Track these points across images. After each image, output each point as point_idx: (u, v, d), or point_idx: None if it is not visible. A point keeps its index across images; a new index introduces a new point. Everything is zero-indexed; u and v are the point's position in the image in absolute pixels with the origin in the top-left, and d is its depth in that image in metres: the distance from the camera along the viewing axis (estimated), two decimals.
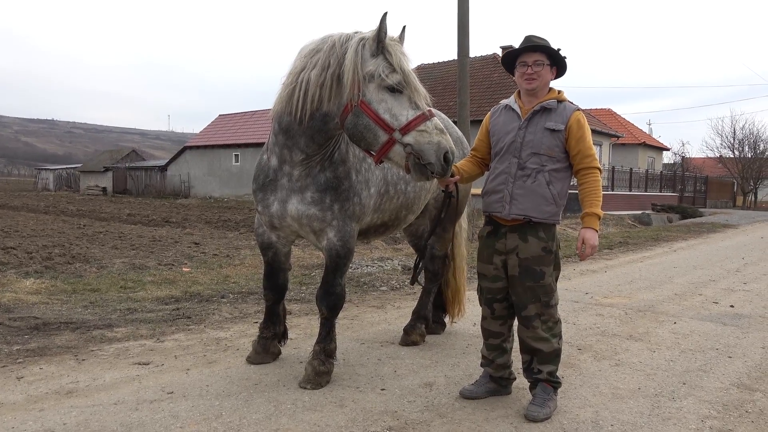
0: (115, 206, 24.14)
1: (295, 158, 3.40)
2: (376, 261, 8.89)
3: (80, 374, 3.72)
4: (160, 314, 5.34)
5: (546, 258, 3.23)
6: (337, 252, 3.53)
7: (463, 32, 12.34)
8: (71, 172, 49.65)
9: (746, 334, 5.18)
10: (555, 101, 3.23)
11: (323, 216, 3.46)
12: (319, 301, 3.64)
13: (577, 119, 3.20)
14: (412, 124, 2.90)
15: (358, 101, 2.97)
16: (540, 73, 3.20)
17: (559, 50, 3.21)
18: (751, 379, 3.96)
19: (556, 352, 3.28)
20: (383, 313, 5.68)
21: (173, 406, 3.23)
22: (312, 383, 3.55)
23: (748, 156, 41.70)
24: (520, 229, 3.25)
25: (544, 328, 3.25)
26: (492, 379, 3.52)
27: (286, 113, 3.29)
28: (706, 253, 11.56)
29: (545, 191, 3.19)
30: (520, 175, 3.23)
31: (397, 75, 2.94)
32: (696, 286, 7.53)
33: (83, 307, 5.55)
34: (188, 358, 4.11)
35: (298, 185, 3.47)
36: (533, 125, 3.23)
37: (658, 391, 3.66)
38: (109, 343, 4.43)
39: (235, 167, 34.39)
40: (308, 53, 3.16)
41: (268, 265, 3.92)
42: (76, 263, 8.26)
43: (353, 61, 2.96)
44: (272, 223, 3.66)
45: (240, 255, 9.46)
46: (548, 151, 3.19)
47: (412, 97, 2.96)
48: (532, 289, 3.23)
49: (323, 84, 3.05)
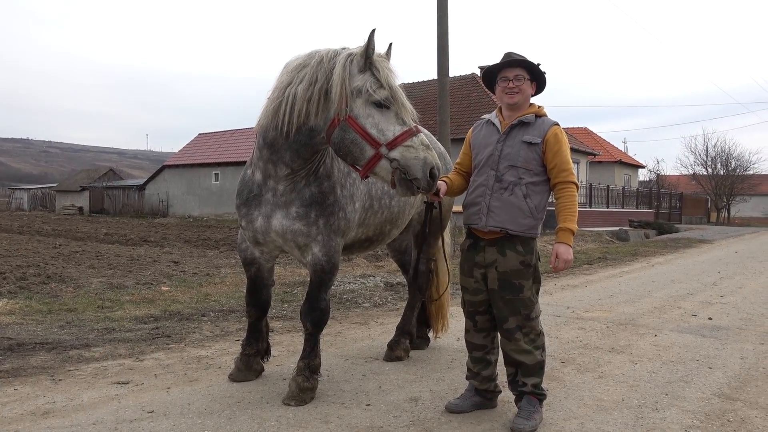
0: (92, 226, 23.73)
1: (280, 173, 3.39)
2: (358, 278, 8.86)
3: (57, 395, 3.62)
4: (138, 333, 5.24)
5: (524, 272, 3.25)
6: (322, 267, 3.51)
7: (443, 52, 12.53)
8: (47, 192, 48.79)
9: (725, 345, 5.26)
10: (533, 116, 3.29)
11: (308, 231, 3.44)
12: (304, 317, 3.60)
13: (555, 133, 3.24)
14: (399, 139, 2.93)
15: (346, 116, 2.99)
16: (521, 87, 3.26)
17: (538, 65, 3.28)
18: (731, 388, 4.02)
19: (539, 364, 3.29)
20: (367, 330, 5.65)
21: (154, 425, 3.15)
22: (296, 400, 3.49)
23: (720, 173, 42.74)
24: (498, 242, 3.27)
25: (526, 341, 3.26)
26: (477, 393, 3.51)
27: (271, 128, 3.28)
28: (684, 268, 11.76)
29: (522, 204, 3.22)
30: (497, 188, 3.26)
31: (384, 91, 2.97)
32: (675, 300, 7.64)
33: (59, 327, 5.42)
34: (169, 376, 4.03)
35: (282, 200, 3.45)
36: (511, 139, 3.28)
37: (641, 402, 3.69)
38: (87, 362, 4.33)
39: (215, 186, 34.14)
40: (295, 68, 3.17)
41: (251, 281, 3.89)
42: (51, 283, 8.08)
43: (341, 76, 2.99)
44: (256, 239, 3.63)
45: (220, 273, 9.35)
46: (525, 164, 3.23)
47: (399, 112, 2.99)
48: (512, 303, 3.25)
49: (310, 99, 3.06)
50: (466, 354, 3.44)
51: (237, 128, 37.47)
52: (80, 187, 43.83)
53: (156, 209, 36.23)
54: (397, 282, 8.34)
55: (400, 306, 6.51)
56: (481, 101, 24.88)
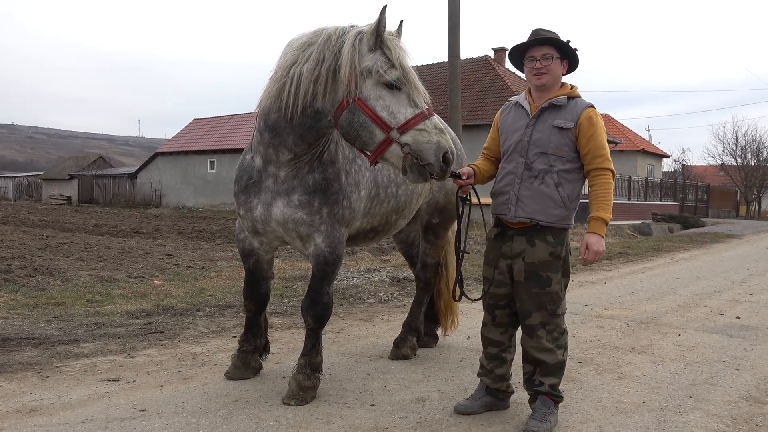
0: (81, 216, 23.87)
1: (282, 158, 3.37)
2: (362, 272, 8.88)
3: (44, 392, 3.65)
4: (130, 329, 5.27)
5: (554, 264, 3.24)
6: (325, 259, 3.51)
7: (454, 32, 12.47)
8: (33, 180, 49.06)
9: (753, 346, 5.25)
10: (565, 98, 3.24)
11: (311, 220, 3.44)
12: (305, 311, 3.60)
13: (589, 116, 3.18)
14: (411, 122, 2.91)
15: (355, 97, 2.97)
16: (549, 67, 3.21)
17: (568, 42, 3.23)
18: (760, 391, 4.01)
19: (560, 364, 3.28)
20: (371, 327, 5.67)
21: (146, 424, 3.18)
22: (296, 399, 3.51)
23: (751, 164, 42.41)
24: (527, 232, 3.25)
25: (548, 339, 3.25)
26: (488, 392, 3.51)
27: (274, 110, 3.25)
28: (710, 264, 11.71)
29: (553, 193, 3.20)
30: (527, 176, 3.24)
31: (395, 71, 2.95)
32: (700, 297, 7.62)
33: (47, 321, 5.46)
34: (162, 374, 4.06)
35: (284, 187, 3.43)
36: (541, 123, 3.24)
37: (663, 405, 3.69)
38: (76, 359, 4.37)
39: (211, 174, 34.23)
40: (300, 46, 3.14)
41: (249, 273, 3.90)
42: (38, 276, 8.14)
43: (350, 55, 2.96)
44: (255, 228, 3.62)
45: (216, 267, 9.40)
46: (556, 150, 3.20)
47: (411, 94, 2.97)
48: (538, 296, 3.23)
49: (317, 79, 3.04)
50: (477, 352, 3.45)
51: (234, 113, 37.50)
52: (68, 176, 44.05)
53: (148, 199, 36.38)
54: (403, 277, 8.35)
55: (407, 302, 6.51)
56: (495, 85, 24.76)
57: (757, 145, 42.91)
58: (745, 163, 42.60)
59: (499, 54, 29.60)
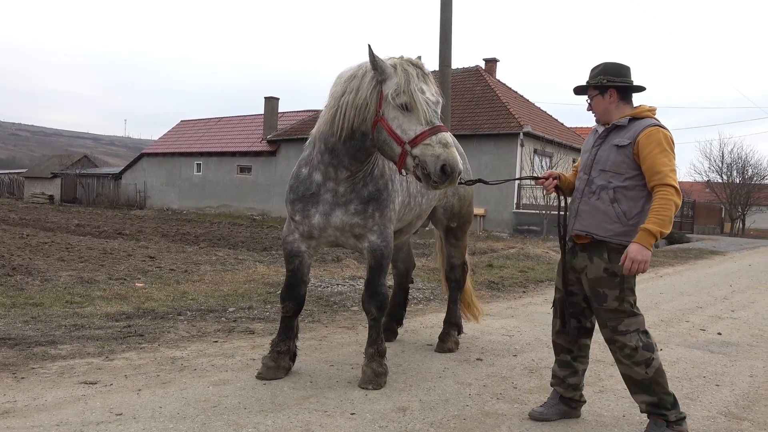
0: (63, 216, 23.62)
1: (341, 176, 3.94)
2: (347, 279, 8.86)
3: (19, 393, 3.61)
4: (109, 331, 5.22)
5: (608, 281, 3.34)
6: (381, 252, 4.07)
7: (445, 41, 12.56)
8: (14, 178, 48.51)
9: (734, 362, 5.31)
10: (627, 119, 3.40)
11: (365, 223, 4.03)
12: (367, 304, 4.09)
13: (648, 134, 3.28)
14: (419, 138, 3.44)
15: (380, 117, 3.59)
16: (593, 105, 3.52)
17: (601, 78, 3.42)
18: (738, 407, 4.06)
19: (646, 381, 3.31)
20: (354, 334, 5.66)
21: (122, 429, 3.15)
22: (373, 383, 3.99)
23: (736, 181, 42.92)
24: (588, 248, 3.43)
25: (621, 354, 3.37)
26: (562, 400, 3.64)
27: (329, 134, 3.84)
28: (693, 280, 11.84)
29: (608, 208, 3.35)
30: (587, 192, 3.45)
31: (403, 96, 3.50)
32: (683, 313, 7.70)
33: (24, 322, 5.40)
34: (140, 377, 4.03)
35: (343, 200, 3.99)
36: (606, 143, 3.45)
37: (643, 419, 3.70)
38: (52, 360, 4.32)
39: (197, 177, 34.05)
40: (347, 79, 3.76)
41: (292, 274, 4.22)
42: (16, 275, 8.03)
43: (371, 86, 3.62)
44: (311, 233, 4.11)
45: (199, 270, 9.34)
46: (613, 167, 3.36)
47: (419, 114, 3.47)
48: (598, 312, 3.41)
49: (358, 106, 3.65)
50: (458, 363, 3.46)
51: (222, 116, 37.40)
52: (51, 174, 43.59)
53: (132, 200, 36.09)
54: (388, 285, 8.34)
55: None
56: (485, 96, 24.94)
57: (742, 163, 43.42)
58: (730, 181, 43.11)
59: (490, 65, 29.81)
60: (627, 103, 3.48)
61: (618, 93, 3.45)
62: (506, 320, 6.68)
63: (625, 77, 3.46)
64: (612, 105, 3.46)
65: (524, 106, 27.53)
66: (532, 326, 6.37)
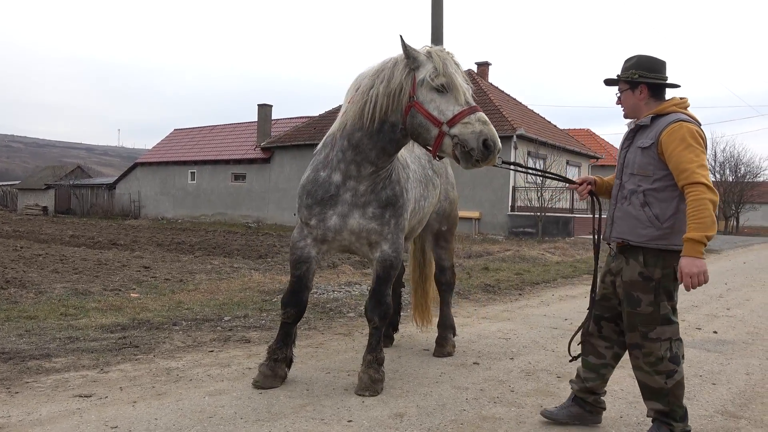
0: (57, 227, 23.52)
1: (364, 172, 3.92)
2: (343, 286, 8.85)
3: (13, 408, 3.58)
4: (104, 343, 5.20)
5: (643, 285, 3.26)
6: (391, 263, 4.10)
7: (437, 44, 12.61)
8: (8, 190, 48.33)
9: (730, 360, 5.32)
10: (649, 117, 3.27)
11: (381, 230, 4.04)
12: (371, 312, 4.11)
13: (670, 131, 3.13)
14: (457, 117, 3.50)
15: (414, 102, 3.63)
16: (622, 100, 3.42)
17: (632, 72, 3.29)
18: (735, 406, 4.06)
19: (663, 390, 3.24)
20: (350, 341, 5.65)
21: None
22: (370, 390, 3.98)
23: (729, 179, 43.13)
24: (624, 251, 3.38)
25: (644, 361, 3.28)
26: (576, 401, 3.57)
27: (357, 128, 3.84)
28: None
29: (639, 213, 3.26)
30: (620, 197, 3.40)
31: (442, 78, 3.57)
32: (678, 312, 7.68)
33: (18, 335, 5.36)
34: (135, 389, 4.01)
35: (362, 200, 3.99)
36: (633, 145, 3.36)
37: (640, 420, 3.72)
38: (47, 374, 4.29)
39: (191, 186, 33.99)
40: (374, 73, 3.81)
41: (297, 280, 4.19)
42: (10, 288, 7.99)
43: (404, 72, 3.68)
44: (325, 237, 4.09)
45: (195, 280, 9.31)
46: (640, 170, 3.26)
47: (456, 95, 3.56)
48: (630, 316, 3.32)
49: (389, 94, 3.69)
50: (455, 368, 3.45)
51: (216, 124, 37.36)
52: (45, 185, 43.43)
53: (127, 210, 35.98)
54: None
55: None
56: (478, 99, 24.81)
57: (735, 162, 43.69)
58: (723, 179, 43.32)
59: (482, 68, 29.90)
60: (658, 100, 3.31)
61: (649, 89, 3.30)
62: (502, 323, 6.68)
63: (659, 73, 3.30)
64: (642, 102, 3.32)
65: (517, 108, 27.62)
66: (529, 329, 6.37)
